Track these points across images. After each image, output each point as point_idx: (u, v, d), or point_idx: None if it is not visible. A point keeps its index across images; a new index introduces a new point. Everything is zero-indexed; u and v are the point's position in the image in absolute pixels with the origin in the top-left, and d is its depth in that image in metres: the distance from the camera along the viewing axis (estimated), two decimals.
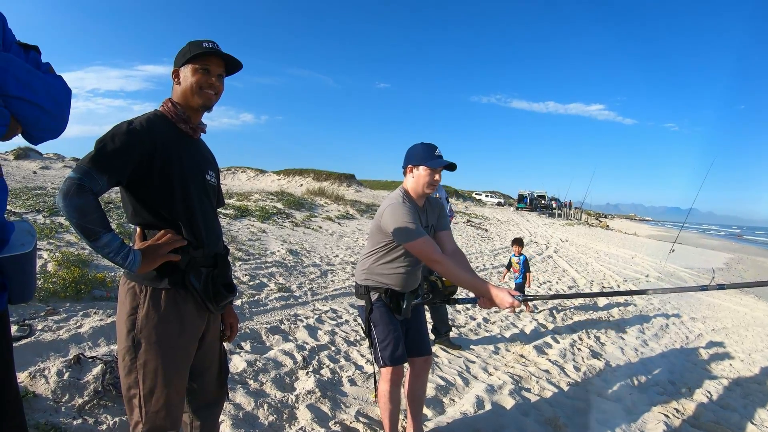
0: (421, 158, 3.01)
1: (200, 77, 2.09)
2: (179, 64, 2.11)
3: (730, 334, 8.31)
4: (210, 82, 2.11)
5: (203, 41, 2.10)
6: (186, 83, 2.09)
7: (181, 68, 2.10)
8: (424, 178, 3.01)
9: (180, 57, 2.11)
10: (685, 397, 4.97)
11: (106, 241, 1.75)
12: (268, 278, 7.48)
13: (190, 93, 2.09)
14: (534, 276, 11.53)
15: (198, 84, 2.09)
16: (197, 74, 2.08)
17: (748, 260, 26.90)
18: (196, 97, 2.09)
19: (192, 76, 2.08)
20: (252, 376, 4.01)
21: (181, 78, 2.10)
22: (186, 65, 2.09)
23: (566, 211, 49.58)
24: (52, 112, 1.54)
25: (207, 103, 2.13)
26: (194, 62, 2.08)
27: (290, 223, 13.51)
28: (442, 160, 3.02)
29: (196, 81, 2.08)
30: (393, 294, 3.11)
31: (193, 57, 2.07)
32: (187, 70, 2.09)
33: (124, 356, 1.96)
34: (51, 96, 1.53)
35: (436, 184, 3.07)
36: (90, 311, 4.78)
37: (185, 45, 2.13)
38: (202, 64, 2.09)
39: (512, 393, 4.41)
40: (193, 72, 2.08)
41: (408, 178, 3.10)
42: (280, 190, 23.94)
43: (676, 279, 14.45)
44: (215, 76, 2.12)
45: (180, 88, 2.10)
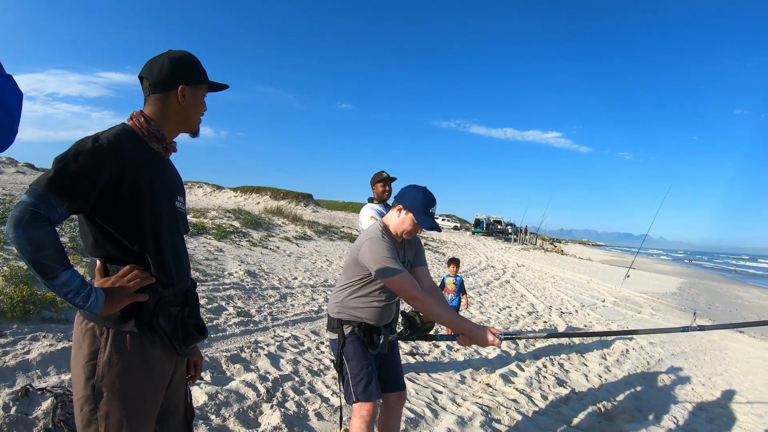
0: (415, 208, 2.91)
1: (204, 105, 2.01)
2: (192, 81, 1.93)
3: (689, 358, 8.41)
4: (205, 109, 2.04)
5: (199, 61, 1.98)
6: (195, 106, 1.96)
7: (192, 88, 1.93)
8: (408, 226, 2.94)
9: (189, 75, 1.93)
10: (654, 424, 4.98)
11: (65, 279, 1.52)
12: (226, 301, 7.24)
13: (195, 119, 1.98)
14: (493, 301, 11.58)
15: (203, 112, 2.01)
16: (203, 102, 1.98)
17: (700, 284, 27.58)
18: (197, 124, 2.00)
19: (201, 102, 1.98)
20: (213, 410, 3.79)
21: (189, 98, 1.93)
22: (198, 87, 1.95)
23: (522, 236, 50.19)
24: (2, 124, 1.34)
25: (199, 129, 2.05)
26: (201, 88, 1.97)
27: (247, 242, 13.28)
28: (431, 221, 2.93)
29: (202, 109, 2.00)
30: (367, 328, 2.99)
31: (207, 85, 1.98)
32: (198, 93, 1.97)
33: (83, 406, 1.73)
34: (3, 106, 1.33)
35: (415, 234, 3.03)
36: (39, 335, 4.50)
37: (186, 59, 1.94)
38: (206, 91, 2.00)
39: (483, 425, 4.31)
40: (201, 99, 1.98)
41: (393, 213, 3.00)
42: (237, 207, 23.59)
43: (632, 303, 14.66)
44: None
45: (182, 109, 1.92)
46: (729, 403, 6.14)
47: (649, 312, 13.48)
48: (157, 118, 1.90)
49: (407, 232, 2.95)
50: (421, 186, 2.99)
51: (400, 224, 2.95)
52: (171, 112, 1.91)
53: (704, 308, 17.08)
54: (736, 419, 5.52)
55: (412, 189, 2.98)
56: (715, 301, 20.01)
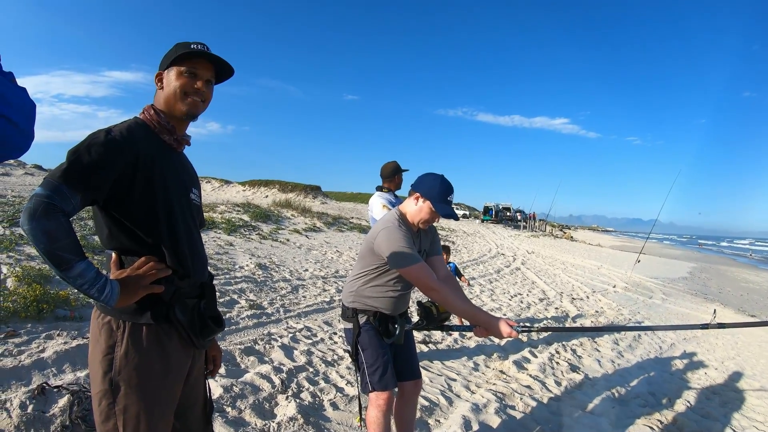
0: (432, 196, 2.88)
1: (186, 81, 1.87)
2: (164, 66, 1.88)
3: (701, 342, 8.38)
4: (196, 88, 1.89)
5: (192, 42, 1.88)
6: (169, 88, 1.87)
7: (165, 71, 1.89)
8: (426, 215, 2.91)
9: (165, 59, 1.89)
10: (667, 408, 4.97)
11: (80, 270, 1.50)
12: (238, 294, 7.25)
13: (174, 99, 1.87)
14: (504, 289, 11.55)
15: (183, 89, 1.87)
16: (182, 78, 1.87)
17: (711, 269, 27.47)
18: (179, 103, 1.87)
19: (176, 80, 1.87)
20: (229, 402, 3.80)
21: (165, 82, 1.88)
22: (171, 68, 1.87)
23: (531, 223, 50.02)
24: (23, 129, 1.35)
25: (192, 111, 1.90)
26: (180, 64, 1.86)
27: (257, 235, 13.28)
28: (449, 209, 2.90)
29: (181, 85, 1.87)
30: (382, 317, 2.98)
31: (179, 58, 1.85)
32: (171, 74, 1.87)
33: (101, 400, 1.73)
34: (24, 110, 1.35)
35: (432, 223, 3.00)
36: (53, 333, 4.52)
37: (172, 47, 1.91)
38: (189, 67, 1.87)
39: (498, 411, 4.31)
40: (177, 75, 1.87)
41: (410, 202, 2.97)
42: (246, 201, 23.59)
43: (643, 289, 14.60)
44: (203, 81, 1.90)
45: (163, 94, 1.88)
46: (742, 387, 6.11)
47: (660, 297, 13.43)
48: (163, 110, 1.89)
49: (425, 220, 2.93)
50: (438, 174, 2.96)
51: (417, 213, 2.92)
52: (162, 101, 1.89)
53: (715, 293, 17.02)
54: (749, 403, 5.49)
55: (430, 177, 2.95)
56: (726, 286, 19.94)
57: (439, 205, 2.87)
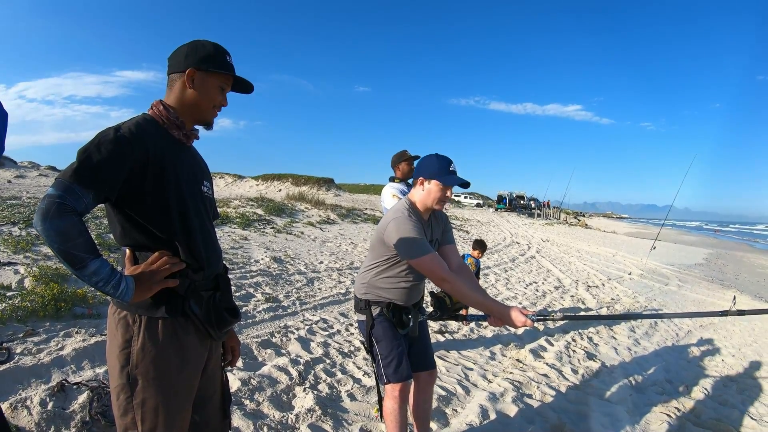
0: (435, 172, 2.84)
1: (222, 98, 1.97)
2: (199, 66, 1.89)
3: (717, 329, 8.30)
4: (224, 104, 1.99)
5: (225, 52, 1.94)
6: (206, 95, 1.91)
7: (201, 73, 1.90)
8: (436, 193, 2.85)
9: (202, 59, 1.89)
10: (684, 396, 4.95)
11: (94, 268, 1.53)
12: (254, 288, 7.29)
13: (206, 106, 1.93)
14: (519, 277, 11.53)
15: (219, 103, 1.96)
16: (219, 92, 1.94)
17: (727, 255, 27.21)
18: (208, 113, 1.96)
19: (215, 92, 1.93)
20: (247, 395, 3.83)
21: (198, 84, 1.89)
22: (210, 74, 1.91)
23: (545, 210, 49.81)
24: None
25: (212, 121, 2.00)
26: (220, 78, 1.94)
27: (272, 229, 13.32)
28: (456, 177, 2.86)
29: (219, 101, 1.96)
30: (395, 308, 2.97)
31: (223, 73, 1.93)
32: (211, 81, 1.91)
33: (119, 395, 1.75)
34: None
35: (447, 200, 2.92)
36: (71, 331, 4.56)
37: (208, 44, 1.93)
38: (224, 83, 1.95)
39: (515, 400, 4.32)
40: (216, 89, 1.94)
41: (417, 189, 2.93)
42: (260, 195, 23.68)
43: (659, 276, 14.50)
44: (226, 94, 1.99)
45: (192, 95, 1.90)
46: (760, 374, 6.06)
47: (676, 284, 13.33)
48: (174, 104, 1.90)
49: (437, 199, 2.86)
50: (432, 153, 2.93)
51: (427, 195, 2.87)
52: (182, 96, 1.90)
53: (731, 279, 16.87)
54: (767, 390, 5.46)
55: (426, 158, 2.93)
56: (743, 272, 19.75)
57: (445, 177, 2.83)
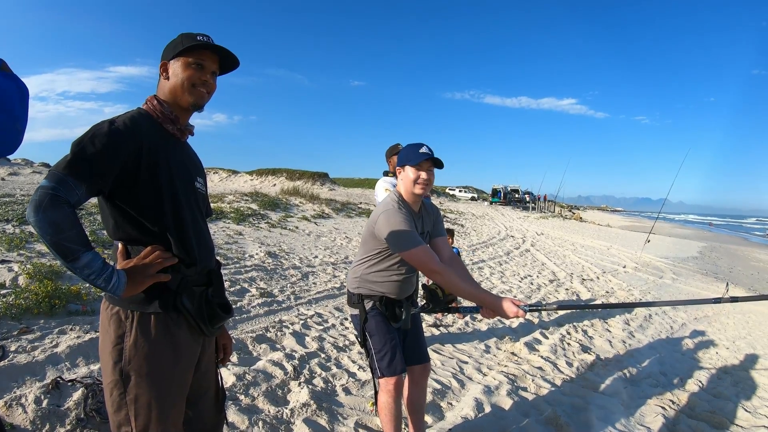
0: (405, 158, 2.87)
1: (193, 73, 1.89)
2: (169, 56, 1.89)
3: (711, 322, 8.34)
4: (203, 79, 1.91)
5: (197, 34, 1.89)
6: (176, 79, 1.88)
7: (170, 62, 1.89)
8: (410, 177, 2.85)
9: (170, 49, 1.90)
10: (678, 388, 4.96)
11: (86, 261, 1.52)
12: (248, 283, 7.29)
13: (181, 90, 1.88)
14: (514, 271, 11.56)
15: (190, 80, 1.89)
16: (189, 69, 1.88)
17: (721, 248, 27.27)
18: (186, 94, 1.89)
19: (183, 71, 1.88)
20: (242, 390, 3.83)
21: (171, 72, 1.89)
22: (177, 58, 1.88)
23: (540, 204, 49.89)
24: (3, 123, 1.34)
25: (198, 102, 1.92)
26: (187, 56, 1.88)
27: (266, 224, 13.33)
28: (423, 154, 2.83)
29: (188, 77, 1.88)
30: (388, 301, 2.97)
31: (186, 50, 1.87)
32: (177, 64, 1.88)
33: (112, 391, 1.75)
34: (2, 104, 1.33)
35: (426, 183, 2.88)
36: (66, 328, 4.56)
37: (177, 36, 1.91)
38: (196, 59, 1.89)
39: (510, 393, 4.33)
40: (185, 67, 1.88)
41: (399, 180, 2.96)
42: (254, 190, 23.64)
43: (653, 269, 14.53)
44: (209, 73, 1.93)
45: (168, 84, 1.89)
46: (754, 366, 6.08)
47: (670, 277, 13.37)
48: (167, 100, 1.90)
49: (414, 182, 2.85)
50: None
51: (405, 182, 2.88)
52: (167, 92, 1.90)
53: (725, 272, 16.92)
54: (761, 382, 5.47)
55: (401, 150, 2.96)
56: (737, 265, 19.80)
57: (416, 157, 2.82)
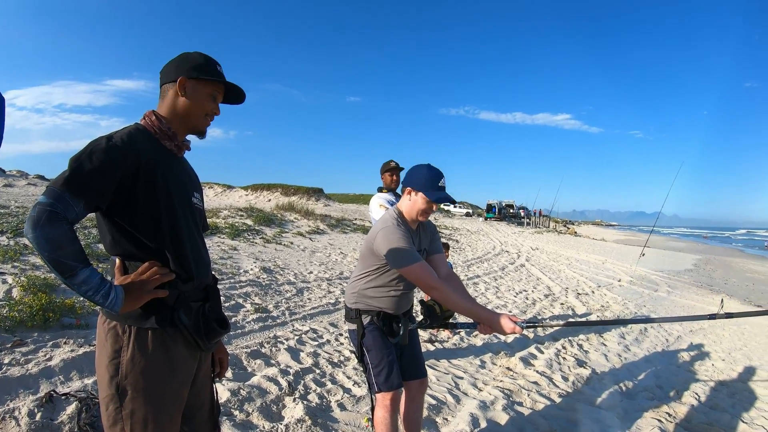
0: (423, 185, 2.85)
1: (214, 106, 1.98)
2: (191, 75, 1.90)
3: (707, 334, 8.36)
4: (216, 112, 2.00)
5: (215, 62, 1.96)
6: (197, 104, 1.92)
7: (192, 81, 1.91)
8: (421, 206, 2.87)
9: (190, 67, 1.91)
10: (675, 401, 4.97)
11: (84, 277, 1.52)
12: (243, 298, 7.25)
13: (198, 114, 1.94)
14: (509, 286, 11.54)
15: (211, 112, 1.98)
16: (211, 102, 1.96)
17: (716, 261, 27.41)
18: (201, 122, 1.97)
19: (206, 101, 1.95)
20: (237, 406, 3.81)
21: (190, 92, 1.91)
22: (201, 81, 1.92)
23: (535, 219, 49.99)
24: None
25: (205, 130, 2.01)
26: (211, 86, 1.96)
27: (261, 239, 13.28)
28: (443, 194, 2.86)
29: (211, 109, 1.97)
30: (386, 317, 2.97)
31: (213, 80, 1.94)
32: (202, 89, 1.93)
33: (108, 405, 1.74)
34: None
35: (431, 213, 2.94)
36: (60, 341, 4.52)
37: (197, 55, 1.95)
38: (215, 90, 1.96)
39: (505, 408, 4.31)
40: (208, 97, 1.95)
41: (405, 199, 2.95)
42: (249, 205, 23.61)
43: (648, 282, 14.58)
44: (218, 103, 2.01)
45: (183, 102, 1.91)
46: (750, 377, 6.11)
47: (666, 290, 13.40)
48: (166, 114, 1.91)
49: (422, 211, 2.88)
50: (424, 164, 2.94)
51: (412, 206, 2.89)
52: (174, 105, 1.91)
53: (720, 284, 16.99)
54: (757, 394, 5.48)
55: (416, 168, 2.93)
56: (732, 277, 19.89)
57: (432, 192, 2.83)
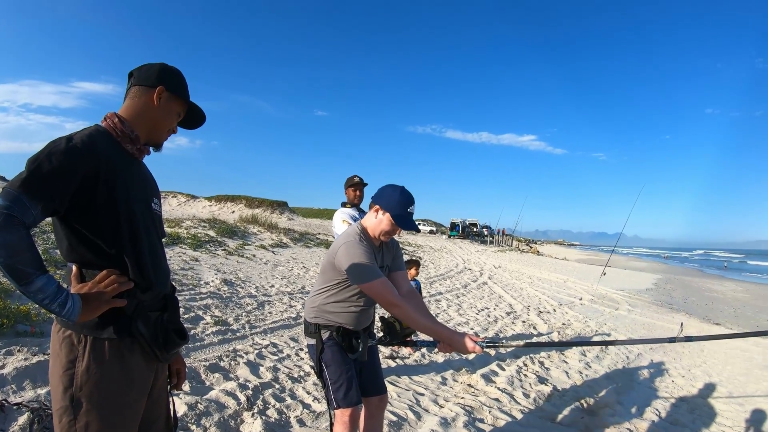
0: (392, 207, 2.84)
1: (176, 123, 2.02)
2: (170, 88, 1.94)
3: (667, 351, 8.48)
4: (175, 130, 2.05)
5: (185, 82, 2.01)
6: (165, 114, 1.95)
7: (168, 94, 1.94)
8: (385, 227, 2.87)
9: (174, 82, 1.96)
10: (636, 417, 5.02)
11: (41, 285, 1.44)
12: (203, 310, 7.13)
13: (164, 128, 1.97)
14: (471, 303, 11.59)
15: (174, 128, 2.02)
16: (176, 119, 1.99)
17: (675, 280, 27.97)
18: (164, 135, 1.99)
19: (174, 117, 1.99)
20: (194, 420, 3.72)
21: (164, 104, 1.93)
22: (175, 97, 1.96)
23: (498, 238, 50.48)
24: None
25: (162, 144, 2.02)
26: (181, 105, 2.00)
27: (223, 251, 13.13)
28: (411, 221, 2.87)
29: (174, 126, 2.02)
30: (345, 332, 2.94)
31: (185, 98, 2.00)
32: (173, 105, 1.97)
33: (61, 417, 1.66)
34: None
35: (394, 235, 2.95)
36: (13, 349, 4.37)
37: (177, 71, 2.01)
38: (181, 111, 2.00)
39: (467, 425, 4.29)
40: (176, 114, 1.99)
41: (371, 215, 2.94)
42: (212, 216, 23.34)
43: (609, 300, 14.79)
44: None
45: (154, 111, 1.92)
46: (710, 393, 6.22)
47: (626, 308, 13.59)
48: (131, 118, 1.87)
49: (385, 232, 2.88)
50: (398, 185, 2.92)
51: (377, 225, 2.88)
52: (144, 111, 1.89)
53: (680, 303, 17.31)
54: (717, 409, 5.58)
55: (389, 189, 2.91)
56: (691, 296, 20.30)
57: (399, 217, 2.83)
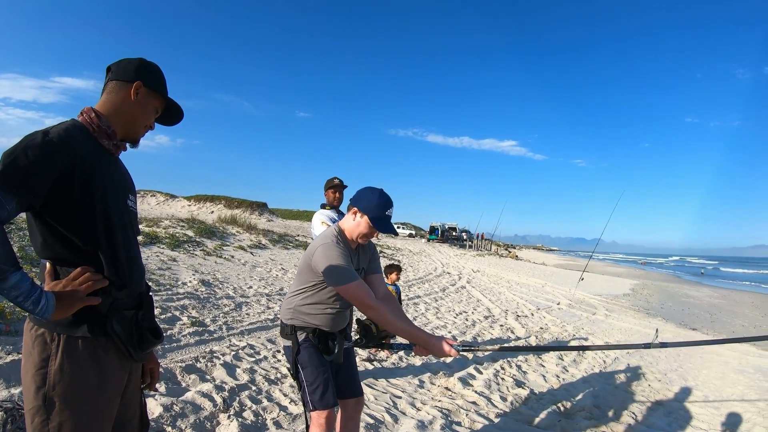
0: (371, 210, 2.84)
1: (153, 120, 2.00)
2: (148, 83, 1.92)
3: (643, 356, 8.53)
4: (153, 126, 2.02)
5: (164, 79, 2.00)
6: (144, 111, 1.94)
7: (146, 89, 1.92)
8: (363, 230, 2.87)
9: (152, 77, 1.94)
10: (613, 421, 5.06)
11: (15, 281, 1.41)
12: (180, 311, 7.07)
13: (141, 123, 1.95)
14: (449, 307, 11.60)
15: (151, 124, 1.99)
16: (154, 115, 1.99)
17: (652, 285, 28.22)
18: (141, 130, 1.96)
19: (152, 113, 1.98)
20: (169, 422, 3.68)
21: (142, 99, 1.91)
22: (153, 93, 1.94)
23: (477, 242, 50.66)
24: None
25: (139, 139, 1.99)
26: (159, 101, 1.99)
27: (202, 251, 13.04)
28: (389, 224, 2.88)
29: (151, 122, 1.99)
30: (321, 334, 2.93)
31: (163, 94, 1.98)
32: (151, 101, 1.95)
33: (34, 417, 1.63)
34: None
35: (371, 238, 2.95)
36: None
37: (156, 66, 1.99)
38: (159, 107, 1.99)
39: (443, 428, 4.30)
40: (154, 110, 1.98)
41: (349, 217, 2.94)
42: (191, 216, 23.15)
43: (586, 305, 14.88)
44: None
45: (132, 107, 1.89)
46: (686, 397, 6.28)
47: (603, 313, 13.68)
48: (108, 113, 1.84)
49: (363, 235, 2.88)
50: (377, 188, 2.93)
51: (355, 227, 2.88)
52: (121, 106, 1.87)
53: (657, 308, 17.46)
54: (693, 413, 5.64)
55: (368, 191, 2.91)
56: (667, 301, 20.50)
57: (377, 220, 2.84)
